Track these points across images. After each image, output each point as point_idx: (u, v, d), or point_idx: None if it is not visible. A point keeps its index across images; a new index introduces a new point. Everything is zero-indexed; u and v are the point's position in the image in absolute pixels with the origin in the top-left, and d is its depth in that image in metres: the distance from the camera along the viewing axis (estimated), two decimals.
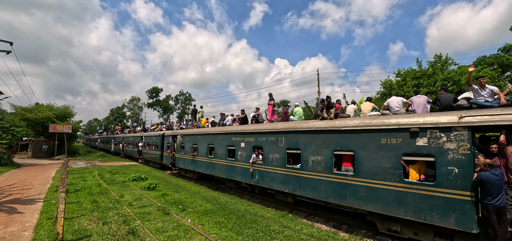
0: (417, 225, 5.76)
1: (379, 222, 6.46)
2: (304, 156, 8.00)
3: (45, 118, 29.14)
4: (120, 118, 68.79)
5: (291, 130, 8.60)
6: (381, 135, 6.23)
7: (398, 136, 5.95)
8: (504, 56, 23.29)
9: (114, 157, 31.14)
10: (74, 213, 7.71)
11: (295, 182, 8.23)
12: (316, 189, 7.54)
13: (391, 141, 6.06)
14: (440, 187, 5.23)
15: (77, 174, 15.92)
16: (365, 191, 6.39)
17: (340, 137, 7.13)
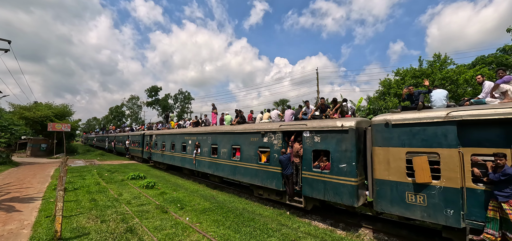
0: (266, 189, 9.71)
1: (254, 189, 10.33)
2: (219, 149, 11.97)
3: (43, 117, 29.08)
4: (119, 117, 68.73)
5: (213, 132, 12.70)
6: (250, 135, 10.20)
7: (256, 136, 9.93)
8: (504, 56, 23.39)
9: (113, 156, 31.14)
10: (72, 211, 7.73)
11: (215, 166, 12.18)
12: (223, 170, 11.59)
13: (254, 139, 10.04)
14: (270, 166, 9.17)
15: (76, 172, 15.94)
16: (243, 170, 10.36)
17: (235, 136, 11.14)
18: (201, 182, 14.15)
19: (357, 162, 6.79)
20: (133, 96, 68.89)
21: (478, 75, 6.22)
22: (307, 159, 7.94)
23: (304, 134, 8.14)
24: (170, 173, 17.87)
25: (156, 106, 61.86)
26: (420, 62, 22.40)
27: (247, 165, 10.21)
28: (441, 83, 18.96)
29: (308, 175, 7.85)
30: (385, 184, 6.15)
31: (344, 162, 6.95)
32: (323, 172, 7.44)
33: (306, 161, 7.98)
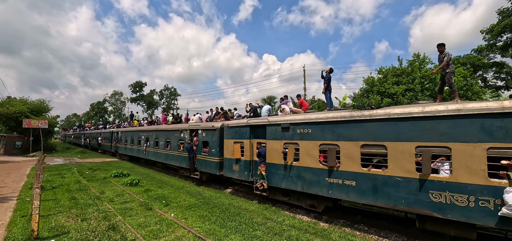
0: (183, 169, 14.13)
1: (179, 170, 14.74)
2: (159, 142, 16.43)
3: (18, 113, 27.42)
4: (102, 113, 66.19)
5: (156, 129, 17.32)
6: (175, 132, 14.55)
7: (178, 133, 14.17)
8: (476, 57, 24.81)
9: (95, 153, 30.04)
10: (50, 210, 7.44)
11: (157, 155, 16.71)
12: (161, 157, 16.03)
13: (177, 135, 14.29)
14: (183, 152, 13.46)
15: (54, 171, 15.26)
16: (172, 156, 14.65)
17: (168, 133, 15.49)
18: (187, 179, 14.04)
19: (220, 148, 11.05)
20: (116, 92, 66.56)
21: None
22: (199, 147, 12.38)
23: (199, 131, 12.60)
24: (155, 170, 17.56)
25: (141, 102, 60.14)
26: (400, 62, 23.32)
27: (174, 153, 14.55)
28: (420, 81, 19.87)
29: (200, 157, 12.36)
30: (226, 160, 10.69)
31: (214, 148, 11.39)
32: (205, 154, 11.91)
33: (199, 148, 12.43)
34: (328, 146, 7.08)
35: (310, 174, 7.46)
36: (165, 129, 16.11)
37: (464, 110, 5.07)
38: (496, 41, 22.52)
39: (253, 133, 9.51)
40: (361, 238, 6.18)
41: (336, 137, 6.95)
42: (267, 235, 5.85)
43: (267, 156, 8.77)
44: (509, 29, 20.61)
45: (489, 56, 24.70)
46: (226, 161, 10.64)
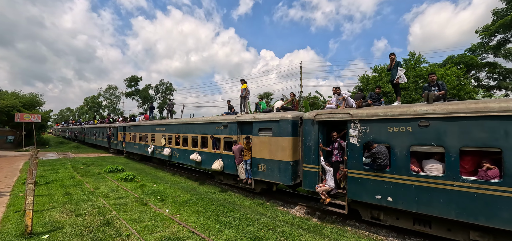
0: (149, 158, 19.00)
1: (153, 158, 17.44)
2: (144, 137, 17.86)
3: (10, 106, 26.90)
4: (96, 108, 65.41)
5: (142, 124, 18.97)
6: (156, 127, 16.56)
7: (145, 130, 17.92)
8: (469, 56, 25.19)
9: (89, 148, 29.77)
10: (44, 205, 7.42)
11: (142, 148, 17.91)
12: (146, 150, 16.92)
13: (158, 129, 16.30)
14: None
15: (48, 166, 15.12)
16: (151, 148, 16.36)
17: (150, 127, 17.29)
18: (182, 174, 14.06)
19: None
20: (111, 86, 65.69)
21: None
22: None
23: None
24: (150, 165, 17.53)
25: (136, 97, 59.55)
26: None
27: (147, 145, 17.07)
28: (414, 80, 20.12)
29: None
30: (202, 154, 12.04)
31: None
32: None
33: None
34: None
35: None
36: (142, 124, 18.92)
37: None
38: (489, 41, 22.90)
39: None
40: (352, 234, 6.33)
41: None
42: (261, 230, 5.96)
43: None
44: (503, 30, 20.96)
45: (482, 56, 25.09)
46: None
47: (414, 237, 6.29)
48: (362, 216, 6.87)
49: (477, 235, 5.20)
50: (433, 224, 5.80)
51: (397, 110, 6.06)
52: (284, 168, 8.16)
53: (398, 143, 5.92)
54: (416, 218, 5.97)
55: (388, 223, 6.39)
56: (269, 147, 8.73)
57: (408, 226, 6.11)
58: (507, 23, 19.97)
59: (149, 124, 17.71)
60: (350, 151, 6.65)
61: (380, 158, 5.94)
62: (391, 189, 5.94)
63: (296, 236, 5.73)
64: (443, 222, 5.63)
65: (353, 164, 6.57)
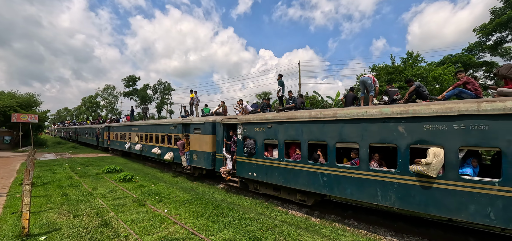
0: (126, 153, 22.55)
1: (131, 153, 20.21)
2: (123, 136, 21.02)
3: (6, 107, 26.69)
4: (94, 108, 65.07)
5: (122, 125, 22.22)
6: (132, 127, 19.69)
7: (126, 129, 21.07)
8: (467, 56, 25.31)
9: (87, 149, 29.63)
10: (41, 206, 7.37)
11: (122, 145, 20.62)
12: (124, 147, 19.80)
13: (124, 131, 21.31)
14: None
15: (45, 166, 15.02)
16: (128, 144, 19.41)
17: (128, 127, 20.29)
18: (181, 174, 14.03)
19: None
20: (109, 86, 65.36)
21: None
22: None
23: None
24: (149, 165, 17.47)
25: (134, 97, 59.28)
26: (392, 60, 23.64)
27: (122, 141, 20.98)
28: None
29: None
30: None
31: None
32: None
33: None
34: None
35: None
36: (124, 125, 22.00)
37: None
38: (486, 40, 23.01)
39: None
40: (351, 233, 6.34)
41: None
42: (260, 230, 5.95)
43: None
44: (499, 29, 21.06)
45: (480, 55, 25.22)
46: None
47: (411, 236, 6.32)
48: (249, 187, 9.90)
49: (299, 196, 8.14)
50: (282, 191, 8.63)
51: (258, 117, 9.14)
52: (207, 156, 11.24)
53: (259, 138, 9.01)
54: (275, 188, 8.82)
55: (261, 191, 9.44)
56: (199, 142, 11.80)
57: (270, 192, 9.06)
58: (504, 22, 20.08)
59: (127, 125, 20.99)
60: (237, 143, 9.80)
61: (249, 147, 8.96)
62: (255, 168, 9.03)
63: (295, 235, 5.73)
64: (285, 188, 8.46)
65: (238, 152, 9.73)
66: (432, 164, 5.16)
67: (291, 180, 7.86)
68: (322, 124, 7.22)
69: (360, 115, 6.47)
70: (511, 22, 19.88)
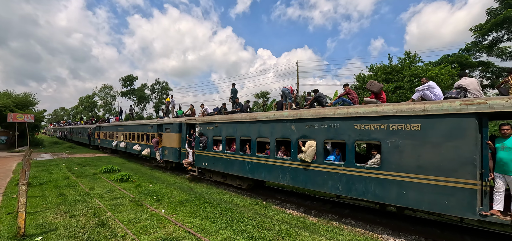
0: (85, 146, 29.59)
1: (118, 150, 22.54)
2: (111, 135, 22.97)
3: (2, 106, 26.44)
4: (91, 107, 64.68)
5: (110, 125, 24.48)
6: (118, 127, 21.83)
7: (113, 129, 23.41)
8: (464, 56, 25.49)
9: (84, 149, 29.46)
10: (38, 207, 7.32)
11: (110, 143, 22.71)
12: (112, 145, 22.12)
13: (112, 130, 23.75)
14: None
15: (41, 166, 14.91)
16: (115, 142, 21.68)
17: (115, 127, 22.62)
18: (179, 174, 13.99)
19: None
20: (106, 85, 64.97)
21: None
22: None
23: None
24: (146, 165, 17.41)
25: (132, 96, 58.98)
26: (390, 60, 23.76)
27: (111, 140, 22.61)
28: (409, 79, 20.31)
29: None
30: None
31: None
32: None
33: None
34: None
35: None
36: (112, 125, 23.83)
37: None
38: (483, 40, 23.20)
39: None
40: (348, 232, 6.37)
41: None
42: (257, 229, 5.96)
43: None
44: (495, 29, 21.24)
45: (476, 55, 25.41)
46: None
47: (408, 234, 6.36)
48: (206, 176, 11.94)
49: (238, 181, 10.21)
50: (227, 177, 10.71)
51: (210, 118, 11.38)
52: (175, 151, 13.59)
53: (210, 135, 11.14)
54: (222, 175, 10.89)
55: (213, 179, 11.55)
56: (169, 140, 14.14)
57: (219, 179, 11.17)
58: (500, 22, 20.25)
59: (114, 125, 23.35)
60: (195, 140, 11.97)
61: (203, 143, 11.18)
62: (207, 159, 11.22)
63: (293, 235, 5.74)
64: (228, 175, 10.57)
65: (196, 146, 11.97)
66: (307, 152, 7.21)
67: (230, 168, 10.03)
68: (248, 123, 9.35)
69: (270, 117, 8.61)
70: (507, 22, 20.07)
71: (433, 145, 5.37)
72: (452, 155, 5.14)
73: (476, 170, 4.86)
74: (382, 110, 6.16)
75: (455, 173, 5.09)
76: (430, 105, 5.56)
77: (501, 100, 4.81)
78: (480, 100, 5.07)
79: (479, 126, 4.95)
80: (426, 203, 5.42)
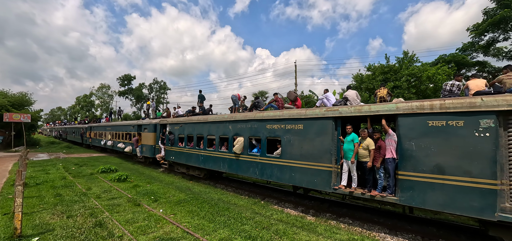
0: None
1: (106, 148, 24.40)
2: (100, 134, 25.18)
3: None
4: (88, 107, 64.25)
5: (100, 125, 26.57)
6: (107, 127, 24.18)
7: (102, 129, 25.63)
8: (461, 55, 25.67)
9: (81, 149, 29.28)
10: (34, 207, 7.26)
11: (100, 142, 24.86)
12: (101, 143, 24.47)
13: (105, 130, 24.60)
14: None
15: (38, 166, 14.80)
16: (103, 141, 23.93)
17: (103, 127, 24.96)
18: (176, 174, 13.96)
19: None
20: (103, 85, 64.58)
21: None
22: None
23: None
24: (144, 165, 17.35)
25: (129, 96, 58.69)
26: (387, 60, 23.87)
27: (103, 141, 23.71)
28: (407, 79, 20.41)
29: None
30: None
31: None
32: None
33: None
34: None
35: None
36: (102, 125, 25.63)
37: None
38: (479, 40, 23.37)
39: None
40: (346, 231, 6.40)
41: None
42: (255, 229, 5.97)
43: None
44: (491, 29, 21.40)
45: (473, 55, 25.60)
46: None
47: (405, 233, 6.40)
48: (175, 168, 13.88)
49: (197, 172, 12.42)
50: (190, 169, 12.77)
51: (175, 120, 13.71)
52: (151, 148, 15.65)
53: (176, 133, 13.25)
54: (186, 167, 12.99)
55: (179, 170, 13.53)
56: (146, 138, 16.15)
57: (184, 171, 13.16)
58: (496, 22, 20.41)
59: (103, 125, 25.68)
60: (166, 137, 13.90)
61: (171, 140, 13.38)
62: (174, 153, 13.29)
63: (290, 234, 5.76)
64: (189, 166, 12.71)
65: (166, 143, 13.93)
66: (236, 146, 9.43)
67: (190, 160, 12.16)
68: (202, 124, 11.59)
69: (216, 119, 10.87)
70: (503, 22, 20.23)
71: (309, 139, 7.41)
72: (320, 146, 7.13)
73: (332, 157, 6.87)
74: (281, 115, 8.30)
75: (321, 159, 7.10)
76: (309, 111, 7.57)
77: (346, 108, 6.85)
78: (334, 108, 7.11)
79: (335, 126, 6.96)
80: (305, 181, 7.49)
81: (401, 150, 5.76)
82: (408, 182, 5.62)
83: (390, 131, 6.08)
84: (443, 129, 5.26)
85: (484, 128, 4.83)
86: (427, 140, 5.42)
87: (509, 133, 4.69)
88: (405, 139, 5.72)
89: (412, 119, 5.69)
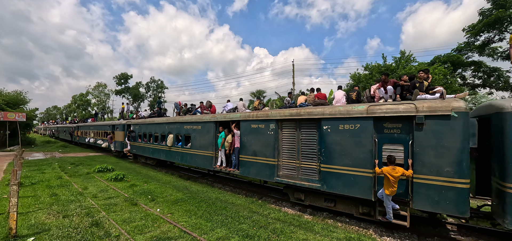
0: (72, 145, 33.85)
1: (91, 145, 28.26)
2: (85, 133, 29.38)
3: None
4: (84, 106, 63.68)
5: (85, 125, 30.80)
6: (90, 126, 28.35)
7: (96, 129, 27.06)
8: (456, 55, 25.89)
9: (77, 148, 29.05)
10: (30, 207, 7.20)
11: (84, 140, 28.46)
12: (85, 141, 28.05)
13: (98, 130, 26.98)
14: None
15: (33, 166, 14.65)
16: (88, 139, 27.47)
17: (88, 126, 29.31)
18: (173, 173, 13.92)
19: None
20: (100, 84, 64.00)
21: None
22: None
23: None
24: (141, 164, 17.27)
25: (126, 94, 58.30)
26: (384, 59, 24.01)
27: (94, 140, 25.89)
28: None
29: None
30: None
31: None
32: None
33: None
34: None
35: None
36: (92, 125, 27.72)
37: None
38: (475, 40, 23.59)
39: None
40: (343, 229, 6.44)
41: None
42: (253, 228, 5.98)
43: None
44: (487, 29, 21.62)
45: (468, 55, 25.84)
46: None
47: (402, 231, 6.46)
48: (138, 159, 17.62)
49: (150, 161, 16.31)
50: (147, 159, 16.49)
51: (135, 121, 17.65)
52: (121, 143, 19.01)
53: (137, 131, 16.86)
54: (146, 158, 16.50)
55: (141, 161, 17.43)
56: (118, 135, 19.51)
57: (143, 160, 17.03)
58: (491, 23, 20.62)
59: (88, 125, 29.16)
60: (130, 134, 17.27)
61: (133, 137, 17.13)
62: (136, 147, 17.00)
63: (288, 233, 5.78)
64: (147, 157, 16.37)
65: (131, 139, 17.32)
66: (168, 141, 13.17)
67: (145, 152, 15.89)
68: (151, 125, 15.35)
69: (158, 121, 14.85)
70: (498, 22, 20.43)
71: (203, 136, 11.08)
72: (208, 140, 10.86)
73: (213, 147, 10.55)
74: (190, 119, 12.10)
75: (207, 149, 10.86)
76: (205, 116, 11.29)
77: (221, 115, 10.58)
78: (215, 115, 10.96)
79: (216, 127, 10.55)
80: (202, 164, 11.13)
81: (241, 142, 9.33)
82: (244, 161, 9.26)
83: (236, 130, 9.49)
84: (257, 129, 8.81)
85: (272, 129, 8.34)
86: (250, 135, 9.04)
87: (282, 131, 8.17)
88: (243, 135, 9.30)
89: (245, 123, 9.24)
